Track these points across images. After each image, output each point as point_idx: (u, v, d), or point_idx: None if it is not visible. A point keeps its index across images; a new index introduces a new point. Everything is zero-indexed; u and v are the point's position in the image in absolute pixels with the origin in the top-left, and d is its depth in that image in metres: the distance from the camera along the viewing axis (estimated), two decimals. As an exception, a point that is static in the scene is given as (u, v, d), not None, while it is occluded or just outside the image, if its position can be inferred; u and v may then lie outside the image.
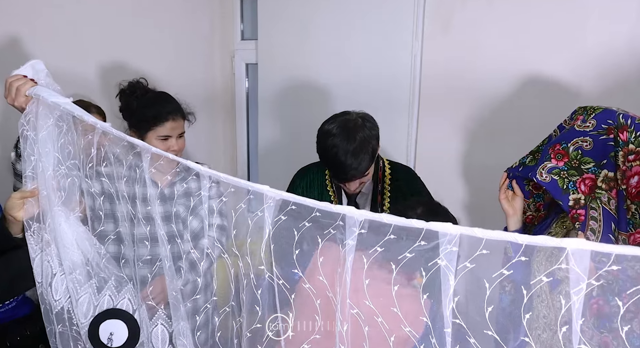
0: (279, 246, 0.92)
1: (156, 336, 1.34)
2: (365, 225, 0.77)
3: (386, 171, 1.68)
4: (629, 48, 1.82)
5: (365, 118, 1.55)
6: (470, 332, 0.69)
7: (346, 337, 0.84)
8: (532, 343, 0.64)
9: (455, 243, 0.68)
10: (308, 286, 0.94)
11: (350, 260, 0.80)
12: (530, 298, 0.64)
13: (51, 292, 1.36)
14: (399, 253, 0.75)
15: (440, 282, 0.70)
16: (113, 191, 1.32)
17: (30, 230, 1.31)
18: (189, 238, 1.18)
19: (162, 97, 1.64)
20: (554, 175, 1.20)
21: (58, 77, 1.28)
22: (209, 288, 1.26)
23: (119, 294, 1.35)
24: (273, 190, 0.86)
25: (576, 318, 0.60)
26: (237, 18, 2.90)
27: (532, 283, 0.62)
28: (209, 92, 2.86)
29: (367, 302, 0.82)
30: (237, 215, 0.97)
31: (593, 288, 0.58)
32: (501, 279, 0.66)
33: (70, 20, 2.08)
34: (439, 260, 0.70)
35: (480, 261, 0.66)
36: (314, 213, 0.84)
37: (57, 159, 1.29)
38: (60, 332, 1.39)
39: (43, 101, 1.22)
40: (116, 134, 1.17)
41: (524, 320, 0.64)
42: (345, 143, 1.47)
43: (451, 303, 0.69)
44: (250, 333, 1.04)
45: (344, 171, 1.49)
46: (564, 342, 0.60)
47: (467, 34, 2.15)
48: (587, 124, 1.21)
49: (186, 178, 1.25)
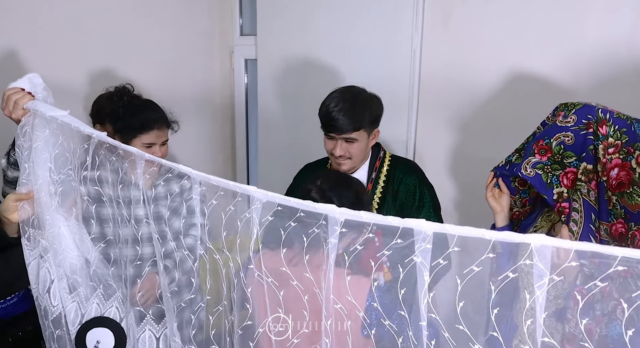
0: (267, 245, 0.96)
1: (143, 342, 1.37)
2: (347, 223, 0.80)
3: (385, 161, 1.70)
4: (627, 46, 1.84)
5: (374, 95, 1.64)
6: (444, 326, 0.72)
7: (330, 331, 0.88)
8: (500, 338, 0.67)
9: (429, 240, 0.71)
10: (296, 283, 0.98)
11: (333, 258, 0.84)
12: (499, 293, 0.67)
13: (48, 299, 1.40)
14: (378, 251, 0.78)
15: (416, 278, 0.74)
16: (105, 198, 1.37)
17: (25, 236, 1.35)
18: (181, 238, 1.21)
19: (149, 106, 1.71)
20: (538, 170, 1.24)
21: (58, 75, 1.31)
22: (202, 287, 1.30)
23: (106, 302, 1.38)
24: (260, 191, 0.90)
25: (540, 312, 0.64)
26: (236, 13, 2.92)
27: (499, 279, 0.66)
28: (208, 88, 2.89)
29: (349, 297, 0.86)
30: (227, 217, 1.01)
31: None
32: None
33: (71, 16, 2.10)
34: (415, 256, 0.73)
35: (452, 258, 0.70)
36: (298, 213, 0.87)
37: (52, 167, 1.33)
38: (59, 335, 1.42)
39: (41, 114, 1.26)
40: (112, 142, 1.21)
41: (492, 315, 0.67)
42: (342, 97, 1.56)
43: (426, 298, 0.73)
44: (241, 330, 1.07)
45: (332, 120, 1.54)
46: (529, 334, 0.64)
47: (467, 30, 2.16)
48: (568, 119, 1.25)
49: (174, 180, 1.29)
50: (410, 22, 2.27)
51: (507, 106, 2.12)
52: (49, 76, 1.43)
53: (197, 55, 2.78)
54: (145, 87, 2.09)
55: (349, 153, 1.59)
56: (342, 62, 2.47)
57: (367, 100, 1.60)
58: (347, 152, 1.59)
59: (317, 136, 1.67)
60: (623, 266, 0.57)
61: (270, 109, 2.76)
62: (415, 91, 2.34)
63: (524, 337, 0.65)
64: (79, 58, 2.15)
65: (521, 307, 0.65)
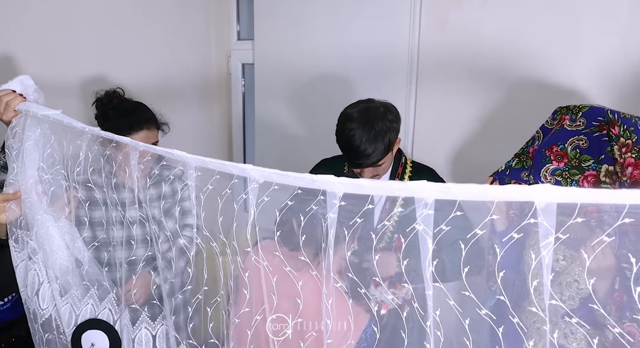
0: (264, 227, 0.94)
1: (139, 341, 1.34)
2: (346, 196, 0.79)
3: (407, 168, 1.69)
4: (621, 46, 1.86)
5: (388, 109, 1.56)
6: (450, 294, 0.70)
7: (332, 311, 0.85)
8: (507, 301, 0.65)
9: (431, 206, 0.70)
10: (289, 270, 0.96)
11: (333, 233, 0.82)
12: (504, 255, 0.65)
13: (37, 301, 1.37)
14: (379, 221, 0.76)
15: (419, 247, 0.72)
16: (99, 197, 1.35)
17: (12, 237, 1.33)
18: (177, 228, 1.19)
19: (138, 107, 1.71)
20: (557, 176, 1.23)
21: (51, 80, 1.30)
22: (199, 278, 1.27)
23: (100, 304, 1.36)
24: (257, 168, 0.88)
25: (547, 273, 0.62)
26: (233, 18, 2.92)
27: (504, 241, 0.64)
28: (205, 93, 2.88)
29: (350, 275, 0.83)
30: (223, 201, 0.99)
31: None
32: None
33: (66, 22, 2.10)
34: (417, 224, 0.71)
35: (454, 224, 0.68)
36: (295, 191, 0.86)
37: (42, 167, 1.31)
38: (49, 339, 1.39)
39: (32, 114, 1.25)
40: (105, 135, 1.20)
41: (498, 278, 0.66)
42: (362, 128, 1.49)
43: (430, 267, 0.71)
44: (238, 318, 1.05)
45: (357, 157, 1.51)
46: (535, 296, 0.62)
47: (464, 31, 2.18)
48: (578, 123, 1.25)
49: (165, 168, 1.28)
50: (407, 23, 2.28)
51: (505, 108, 2.13)
52: (43, 79, 1.42)
53: (194, 59, 2.78)
54: (141, 92, 2.08)
55: (376, 172, 1.60)
56: (340, 67, 2.48)
57: (385, 120, 1.52)
58: (375, 172, 1.59)
59: (315, 141, 1.66)
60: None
61: (267, 114, 2.75)
62: (413, 91, 2.35)
63: (532, 299, 0.63)
64: (75, 62, 2.13)
65: (528, 268, 0.63)
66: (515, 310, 0.64)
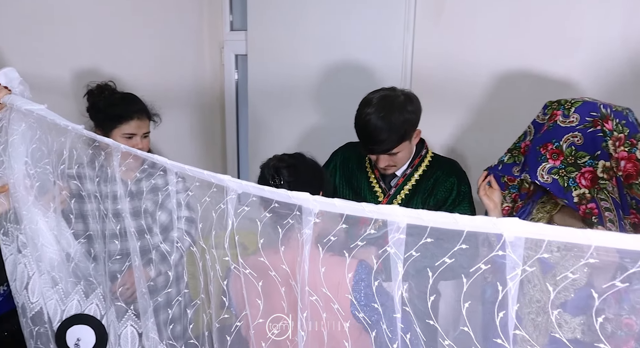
0: (243, 236, 0.94)
1: (125, 338, 1.36)
2: (321, 214, 0.78)
3: (425, 159, 1.67)
4: (622, 40, 1.82)
5: (409, 99, 1.54)
6: (415, 320, 0.70)
7: (306, 323, 0.86)
8: (471, 332, 0.65)
9: (402, 231, 0.69)
10: (274, 274, 0.96)
11: (308, 249, 0.82)
12: (471, 285, 0.65)
13: (27, 295, 1.38)
14: (352, 241, 0.76)
15: (391, 269, 0.72)
16: (84, 193, 1.35)
17: (1, 231, 1.33)
18: (158, 232, 1.20)
19: (129, 97, 1.70)
20: (554, 175, 1.21)
21: (45, 71, 1.28)
22: (180, 281, 1.28)
23: (87, 299, 1.37)
24: (234, 180, 0.88)
25: (512, 304, 0.62)
26: (226, 8, 2.87)
27: (471, 271, 0.64)
28: (198, 84, 2.85)
29: (324, 290, 0.84)
30: (203, 208, 0.99)
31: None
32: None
33: (58, 12, 2.07)
34: (388, 247, 0.71)
35: (424, 251, 0.68)
36: (272, 204, 0.85)
37: (28, 161, 1.31)
38: (40, 332, 1.40)
39: (17, 108, 1.24)
40: (87, 134, 1.20)
41: (463, 309, 0.65)
42: (378, 115, 1.47)
43: (400, 290, 0.71)
44: (218, 323, 1.05)
45: (370, 142, 1.50)
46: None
47: (459, 24, 2.14)
48: (571, 119, 1.23)
49: (153, 174, 1.27)
50: (402, 16, 2.24)
51: (500, 102, 2.11)
52: (36, 73, 1.40)
53: (186, 50, 2.75)
54: (134, 83, 2.06)
55: (393, 161, 1.58)
56: (333, 57, 2.44)
57: (403, 110, 1.50)
58: (391, 161, 1.58)
59: (308, 132, 1.64)
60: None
61: (261, 105, 2.73)
62: (407, 86, 2.32)
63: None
64: (67, 54, 2.11)
65: (494, 299, 0.63)
66: (480, 342, 0.64)
